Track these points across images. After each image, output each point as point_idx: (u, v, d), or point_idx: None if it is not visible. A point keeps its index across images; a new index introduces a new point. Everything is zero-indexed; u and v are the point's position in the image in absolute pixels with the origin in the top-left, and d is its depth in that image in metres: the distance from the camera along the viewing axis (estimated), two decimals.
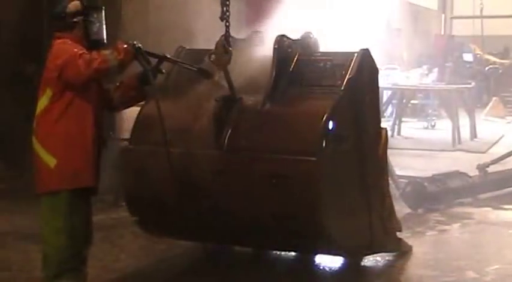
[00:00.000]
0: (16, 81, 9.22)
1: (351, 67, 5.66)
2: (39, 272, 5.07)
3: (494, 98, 18.81)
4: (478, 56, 21.63)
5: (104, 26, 5.04)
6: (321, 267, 6.20)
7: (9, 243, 6.82)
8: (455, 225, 7.66)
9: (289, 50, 5.78)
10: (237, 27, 6.06)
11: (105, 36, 5.06)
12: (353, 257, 6.15)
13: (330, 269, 6.19)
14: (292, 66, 5.76)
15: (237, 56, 5.55)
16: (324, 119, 5.34)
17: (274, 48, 5.68)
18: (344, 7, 8.56)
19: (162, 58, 5.17)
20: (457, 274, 6.07)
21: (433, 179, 8.55)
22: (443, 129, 14.45)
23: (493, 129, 15.15)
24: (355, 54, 5.73)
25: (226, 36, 5.50)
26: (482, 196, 8.76)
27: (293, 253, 6.39)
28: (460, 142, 13.12)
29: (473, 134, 13.91)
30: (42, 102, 4.89)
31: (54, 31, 5.02)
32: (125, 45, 4.91)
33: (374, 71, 5.94)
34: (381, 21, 10.19)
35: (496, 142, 13.38)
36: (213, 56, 5.47)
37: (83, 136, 4.89)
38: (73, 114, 4.87)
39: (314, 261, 6.28)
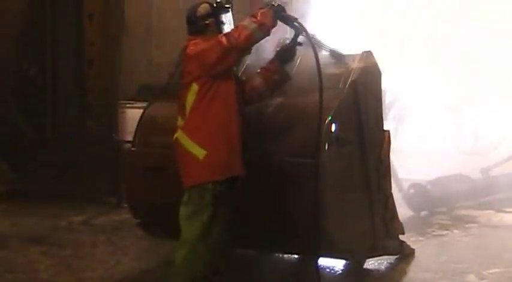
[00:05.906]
0: (20, 82, 9.24)
1: (353, 69, 5.66)
2: (42, 274, 5.05)
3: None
4: None
5: (233, 25, 5.04)
6: (323, 270, 6.20)
7: (12, 245, 6.81)
8: (458, 228, 7.66)
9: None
10: None
11: None
12: (355, 260, 6.15)
13: (332, 272, 6.19)
14: (294, 68, 5.76)
15: None
16: (327, 121, 5.34)
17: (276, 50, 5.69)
18: None
19: (298, 28, 5.08)
20: (459, 277, 6.06)
21: (436, 181, 8.54)
22: (446, 131, 14.43)
23: (497, 132, 15.11)
24: (358, 56, 5.74)
25: None
26: (485, 199, 8.74)
27: (295, 255, 6.39)
28: (463, 145, 13.10)
29: (477, 137, 13.89)
30: (191, 97, 4.92)
31: (189, 35, 5.05)
32: (261, 8, 4.92)
33: (377, 73, 5.94)
34: None
35: (500, 145, 13.35)
36: None
37: (230, 126, 4.96)
38: (219, 105, 4.92)
39: (316, 264, 6.27)
